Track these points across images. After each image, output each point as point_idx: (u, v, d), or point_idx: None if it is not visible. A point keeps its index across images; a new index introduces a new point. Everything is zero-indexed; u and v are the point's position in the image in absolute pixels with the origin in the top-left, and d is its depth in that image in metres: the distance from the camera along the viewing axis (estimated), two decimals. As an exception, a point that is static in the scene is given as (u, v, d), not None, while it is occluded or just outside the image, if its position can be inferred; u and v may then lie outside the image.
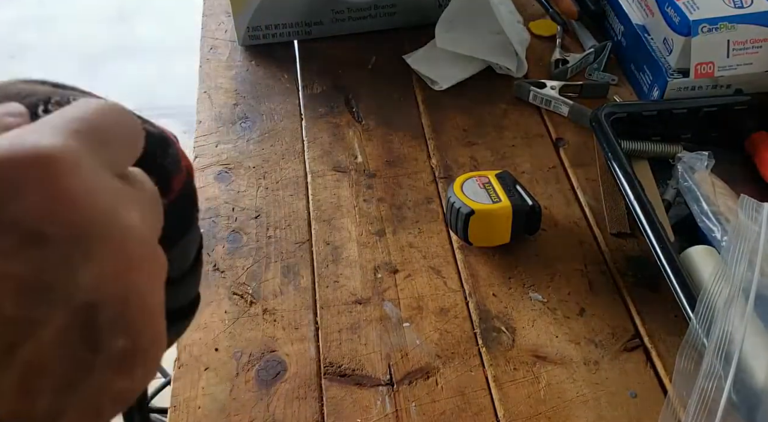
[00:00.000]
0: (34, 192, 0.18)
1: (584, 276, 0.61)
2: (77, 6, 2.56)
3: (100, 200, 0.20)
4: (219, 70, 0.84)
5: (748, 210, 0.57)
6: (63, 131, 0.20)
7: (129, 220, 0.21)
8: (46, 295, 0.18)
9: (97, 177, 0.20)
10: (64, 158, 0.19)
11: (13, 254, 0.18)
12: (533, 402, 0.53)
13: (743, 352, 0.48)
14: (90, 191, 0.20)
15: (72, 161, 0.19)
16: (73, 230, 0.19)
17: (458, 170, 0.71)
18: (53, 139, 0.19)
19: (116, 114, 0.23)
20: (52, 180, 0.19)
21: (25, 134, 0.19)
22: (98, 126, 0.22)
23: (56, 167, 0.19)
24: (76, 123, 0.21)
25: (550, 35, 0.87)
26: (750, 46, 0.71)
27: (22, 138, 0.19)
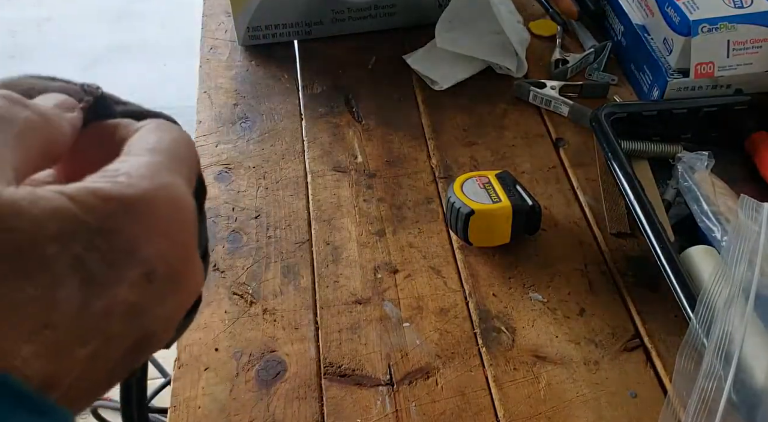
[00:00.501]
0: (166, 237, 0.21)
1: (584, 276, 0.61)
2: (77, 6, 2.56)
3: (192, 246, 0.22)
4: (219, 70, 0.84)
5: (748, 210, 0.57)
6: (179, 175, 0.23)
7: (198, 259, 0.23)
8: (136, 320, 0.20)
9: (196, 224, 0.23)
10: (188, 209, 0.22)
11: (135, 285, 0.20)
12: (533, 402, 0.53)
13: (743, 352, 0.48)
14: (192, 238, 0.22)
15: (191, 211, 0.22)
16: (174, 273, 0.21)
17: (458, 170, 0.71)
18: (181, 185, 0.22)
19: (192, 146, 0.25)
20: (181, 228, 0.22)
21: (157, 171, 0.22)
22: (190, 164, 0.24)
23: (184, 217, 0.22)
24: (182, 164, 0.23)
25: (550, 35, 0.87)
26: (750, 46, 0.71)
27: (159, 178, 0.21)
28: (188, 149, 0.25)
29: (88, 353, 0.19)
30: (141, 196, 0.20)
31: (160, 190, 0.21)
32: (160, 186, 0.21)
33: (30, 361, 0.18)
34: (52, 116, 0.23)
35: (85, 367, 0.19)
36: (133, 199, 0.20)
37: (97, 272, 0.19)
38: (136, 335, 0.21)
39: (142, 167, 0.22)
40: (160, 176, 0.21)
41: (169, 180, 0.22)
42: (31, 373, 0.18)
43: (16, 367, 0.18)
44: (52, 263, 0.18)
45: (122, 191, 0.20)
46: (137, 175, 0.21)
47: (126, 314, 0.20)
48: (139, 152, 0.23)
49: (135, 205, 0.20)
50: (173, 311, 0.22)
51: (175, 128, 0.25)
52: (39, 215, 0.18)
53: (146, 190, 0.21)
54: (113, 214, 0.20)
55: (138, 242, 0.20)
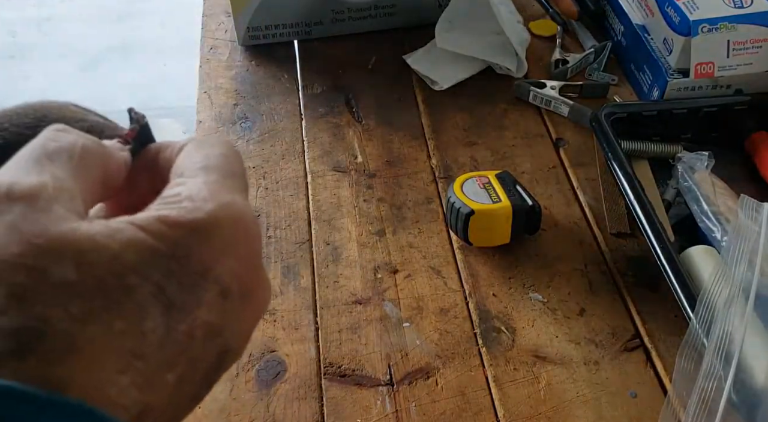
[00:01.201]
0: (235, 254, 0.21)
1: (584, 276, 0.61)
2: (77, 6, 2.56)
3: (257, 258, 0.23)
4: (219, 70, 0.84)
5: (748, 210, 0.57)
6: (235, 190, 0.23)
7: (264, 271, 0.24)
8: (216, 339, 0.21)
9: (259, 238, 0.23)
10: (251, 224, 0.22)
11: (213, 306, 0.20)
12: (533, 402, 0.53)
13: (743, 352, 0.48)
14: (257, 251, 0.23)
15: (254, 225, 0.23)
16: (245, 288, 0.22)
17: (458, 170, 0.71)
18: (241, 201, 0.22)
19: (239, 157, 0.26)
20: (247, 243, 0.22)
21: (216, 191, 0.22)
22: (242, 176, 0.25)
23: (248, 232, 0.22)
24: (235, 177, 0.24)
25: (550, 35, 0.87)
26: (750, 46, 0.71)
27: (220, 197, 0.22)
28: (237, 161, 0.25)
29: (175, 378, 0.19)
30: (207, 218, 0.21)
31: (223, 209, 0.21)
32: (224, 205, 0.21)
33: (126, 392, 0.18)
34: (109, 145, 0.24)
35: (172, 392, 0.20)
36: (201, 222, 0.21)
37: (176, 297, 0.19)
38: (217, 352, 0.21)
39: (201, 188, 0.22)
40: (221, 196, 0.22)
41: (229, 198, 0.22)
42: (128, 403, 0.18)
43: (112, 399, 0.18)
44: (136, 294, 0.19)
45: (189, 216, 0.21)
46: (199, 198, 0.21)
47: (207, 334, 0.20)
48: (192, 172, 0.23)
49: (203, 228, 0.21)
50: (249, 325, 0.23)
51: (218, 142, 0.26)
52: (117, 248, 0.19)
53: (210, 212, 0.21)
54: (184, 239, 0.20)
55: (210, 263, 0.20)
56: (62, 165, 0.21)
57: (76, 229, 0.19)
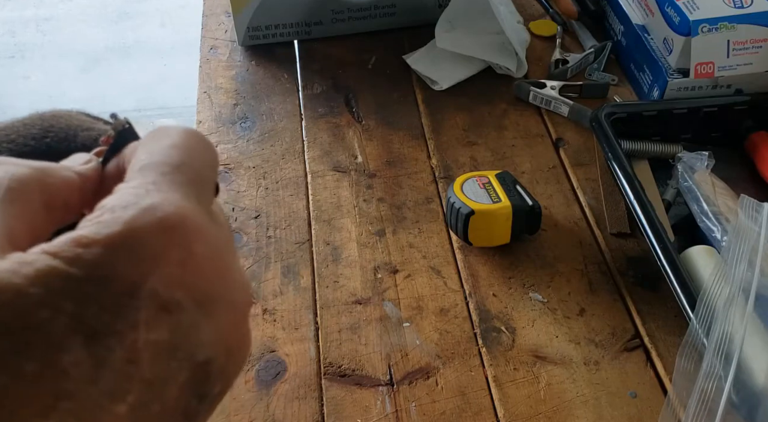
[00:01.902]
0: (170, 262, 0.19)
1: (584, 276, 0.61)
2: (77, 6, 2.56)
3: (217, 258, 0.20)
4: (219, 70, 0.84)
5: (748, 210, 0.57)
6: (175, 186, 0.21)
7: (236, 271, 0.21)
8: (175, 354, 0.19)
9: (210, 232, 0.21)
10: (187, 223, 0.20)
11: (154, 323, 0.18)
12: (533, 402, 0.53)
13: (743, 352, 0.48)
14: (210, 251, 0.20)
15: (194, 224, 0.20)
16: (200, 295, 0.20)
17: (458, 170, 0.71)
18: (171, 200, 0.20)
19: (201, 143, 0.23)
20: (184, 247, 0.19)
21: (143, 194, 0.20)
22: (195, 167, 0.22)
23: (183, 234, 0.20)
24: (179, 171, 0.21)
25: (550, 35, 0.87)
26: (750, 46, 0.71)
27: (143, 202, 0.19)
28: (190, 150, 0.23)
29: (128, 406, 0.18)
30: (123, 230, 0.19)
31: (145, 214, 0.19)
32: (146, 210, 0.19)
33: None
34: (48, 166, 0.22)
35: (135, 416, 0.18)
36: (117, 235, 0.18)
37: (99, 324, 0.18)
38: (189, 367, 0.19)
39: (126, 194, 0.20)
40: (146, 198, 0.19)
41: (154, 200, 0.19)
42: None
43: None
44: (46, 330, 0.17)
45: (105, 230, 0.18)
46: (120, 206, 0.19)
47: (158, 354, 0.19)
48: (130, 175, 0.21)
49: (121, 241, 0.18)
50: (227, 329, 0.20)
51: (170, 132, 0.23)
52: (22, 283, 0.17)
53: (128, 220, 0.19)
54: (101, 258, 0.18)
55: (136, 279, 0.18)
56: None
57: None
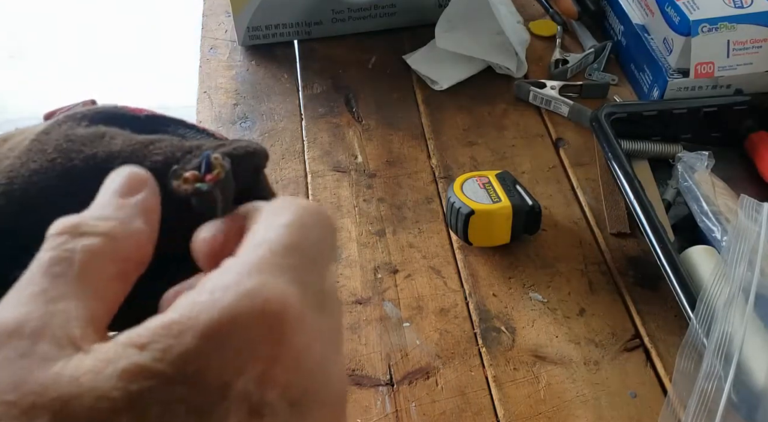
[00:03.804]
0: (266, 358, 0.17)
1: (584, 276, 0.61)
2: (77, 6, 2.56)
3: (317, 352, 0.18)
4: (219, 70, 0.84)
5: (748, 210, 0.57)
6: (281, 270, 0.18)
7: (335, 363, 0.19)
8: None
9: (315, 326, 0.18)
10: (290, 313, 0.17)
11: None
12: (533, 402, 0.53)
13: (743, 352, 0.48)
14: (310, 344, 0.18)
15: (297, 314, 0.18)
16: (294, 394, 0.17)
17: (458, 170, 0.71)
18: (276, 285, 0.18)
19: (319, 222, 0.21)
20: (280, 342, 0.17)
21: (245, 275, 0.18)
22: (306, 249, 0.20)
23: (284, 325, 0.17)
24: (289, 253, 0.19)
25: (550, 35, 0.87)
26: (750, 46, 0.71)
27: (244, 285, 0.17)
28: (305, 229, 0.20)
29: None
30: (220, 317, 0.16)
31: (244, 300, 0.17)
32: (245, 295, 0.17)
33: None
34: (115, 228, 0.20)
35: None
36: (213, 324, 0.16)
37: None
38: None
39: (229, 275, 0.18)
40: (248, 281, 0.17)
41: (254, 284, 0.17)
42: None
43: None
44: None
45: (200, 316, 0.16)
46: (219, 287, 0.17)
47: None
48: (242, 251, 0.19)
49: (216, 330, 0.16)
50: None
51: (293, 205, 0.21)
52: (102, 386, 0.15)
53: (225, 307, 0.17)
54: (194, 349, 0.16)
55: (229, 377, 0.16)
56: (62, 280, 0.18)
57: (59, 374, 0.16)
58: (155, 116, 0.30)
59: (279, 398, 0.17)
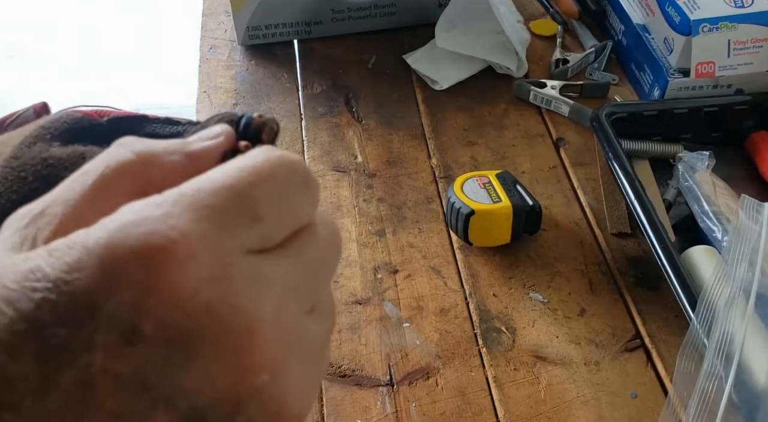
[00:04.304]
0: (139, 288, 0.17)
1: (585, 276, 0.61)
2: (77, 6, 2.56)
3: (212, 298, 0.18)
4: (219, 70, 0.84)
5: (748, 210, 0.57)
6: (197, 208, 0.18)
7: (251, 315, 0.18)
8: (146, 393, 0.17)
9: (216, 269, 0.18)
10: (176, 250, 0.18)
11: (114, 351, 0.17)
12: (534, 402, 0.53)
13: (744, 353, 0.48)
14: (200, 288, 0.18)
15: (185, 252, 0.18)
16: (174, 332, 0.17)
17: (458, 169, 0.71)
18: (172, 221, 0.18)
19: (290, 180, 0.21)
20: (156, 275, 0.17)
21: (151, 207, 0.18)
22: (252, 199, 0.19)
23: (163, 260, 0.17)
24: (221, 195, 0.19)
25: (550, 35, 0.87)
26: (751, 46, 0.71)
27: (139, 215, 0.18)
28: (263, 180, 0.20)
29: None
30: (100, 241, 0.17)
31: (126, 230, 0.18)
32: (130, 225, 0.18)
33: None
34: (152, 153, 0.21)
35: None
36: (91, 247, 0.17)
37: (53, 339, 0.17)
38: (166, 412, 0.18)
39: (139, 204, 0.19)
40: (146, 212, 0.18)
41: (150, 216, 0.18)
42: None
43: None
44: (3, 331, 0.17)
45: (86, 238, 0.18)
46: (119, 214, 0.18)
47: (118, 387, 0.17)
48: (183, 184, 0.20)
49: (95, 254, 0.17)
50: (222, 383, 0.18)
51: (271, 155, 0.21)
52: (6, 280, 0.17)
53: (108, 232, 0.18)
54: (72, 266, 0.17)
55: (99, 298, 0.17)
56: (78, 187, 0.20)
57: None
58: (118, 117, 0.30)
59: (153, 331, 0.17)
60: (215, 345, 0.18)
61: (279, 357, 0.19)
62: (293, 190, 0.21)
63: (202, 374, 0.18)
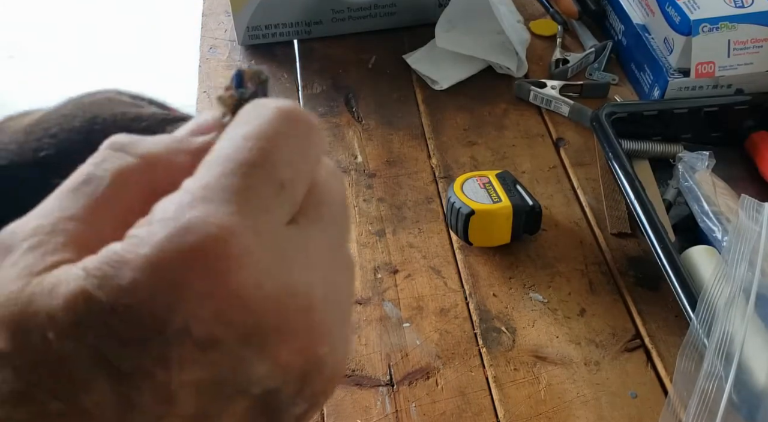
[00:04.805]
0: (205, 295, 0.16)
1: (585, 276, 0.61)
2: (77, 6, 2.55)
3: (273, 288, 0.17)
4: (219, 70, 0.84)
5: (748, 210, 0.57)
6: (230, 194, 0.17)
7: (306, 294, 0.18)
8: (222, 390, 0.17)
9: (269, 256, 0.17)
10: (230, 248, 0.17)
11: (189, 362, 0.16)
12: (534, 402, 0.53)
13: (744, 353, 0.48)
14: (260, 281, 0.17)
15: (238, 249, 0.17)
16: (244, 330, 0.17)
17: (458, 169, 0.71)
18: (217, 217, 0.17)
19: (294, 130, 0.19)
20: (217, 278, 0.16)
21: (186, 205, 0.17)
22: (271, 165, 0.18)
23: (222, 261, 0.16)
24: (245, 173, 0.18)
25: (550, 35, 0.87)
26: (751, 46, 0.71)
27: (182, 217, 0.17)
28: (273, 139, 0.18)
29: None
30: (152, 253, 0.16)
31: (175, 237, 0.16)
32: (178, 231, 0.16)
33: None
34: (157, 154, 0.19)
35: None
36: (146, 259, 0.16)
37: (123, 362, 0.16)
38: (242, 400, 0.18)
39: (173, 202, 0.17)
40: (186, 213, 0.17)
41: (193, 217, 0.17)
42: None
43: None
44: (71, 364, 0.15)
45: (134, 249, 0.16)
46: (159, 219, 0.17)
47: (198, 393, 0.17)
48: (198, 171, 0.18)
49: (150, 266, 0.16)
50: (286, 364, 0.18)
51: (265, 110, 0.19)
52: (54, 308, 0.16)
53: (157, 242, 0.16)
54: (128, 285, 0.16)
55: (166, 314, 0.16)
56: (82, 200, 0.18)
57: (22, 290, 0.16)
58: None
59: (227, 334, 0.17)
60: (281, 331, 0.18)
61: (331, 324, 0.19)
62: (302, 143, 0.19)
63: (272, 360, 0.18)
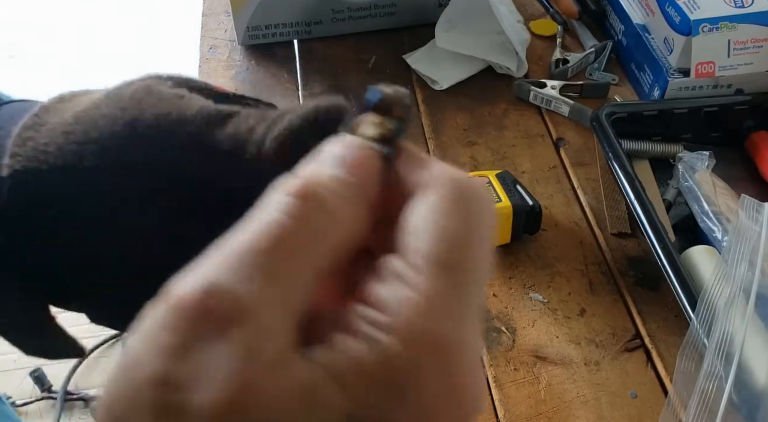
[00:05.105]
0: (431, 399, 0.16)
1: (585, 276, 0.61)
2: (77, 6, 2.56)
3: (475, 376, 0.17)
4: (219, 70, 0.84)
5: (748, 210, 0.57)
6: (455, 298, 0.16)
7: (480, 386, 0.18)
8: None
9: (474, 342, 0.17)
10: (453, 347, 0.16)
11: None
12: (534, 402, 0.53)
13: (744, 353, 0.48)
14: (475, 369, 0.17)
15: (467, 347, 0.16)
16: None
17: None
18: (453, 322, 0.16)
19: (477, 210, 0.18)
20: (446, 377, 0.16)
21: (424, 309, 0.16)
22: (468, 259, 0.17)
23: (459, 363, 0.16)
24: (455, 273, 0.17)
25: (550, 35, 0.87)
26: (751, 46, 0.71)
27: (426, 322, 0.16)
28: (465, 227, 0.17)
29: None
30: (404, 368, 0.15)
31: (421, 341, 0.15)
32: (422, 334, 0.15)
33: None
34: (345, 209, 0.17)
35: None
36: (393, 373, 0.15)
37: None
38: None
39: (415, 308, 0.16)
40: (438, 327, 0.16)
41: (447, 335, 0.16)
42: None
43: None
44: None
45: (375, 358, 0.15)
46: (406, 325, 0.15)
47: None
48: (418, 260, 0.17)
49: (390, 379, 0.15)
50: None
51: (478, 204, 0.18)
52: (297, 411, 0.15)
53: (412, 358, 0.15)
54: (365, 394, 0.15)
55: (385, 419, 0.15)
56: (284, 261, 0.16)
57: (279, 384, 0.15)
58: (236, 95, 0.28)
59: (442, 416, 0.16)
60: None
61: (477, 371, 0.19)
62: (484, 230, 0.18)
63: None
